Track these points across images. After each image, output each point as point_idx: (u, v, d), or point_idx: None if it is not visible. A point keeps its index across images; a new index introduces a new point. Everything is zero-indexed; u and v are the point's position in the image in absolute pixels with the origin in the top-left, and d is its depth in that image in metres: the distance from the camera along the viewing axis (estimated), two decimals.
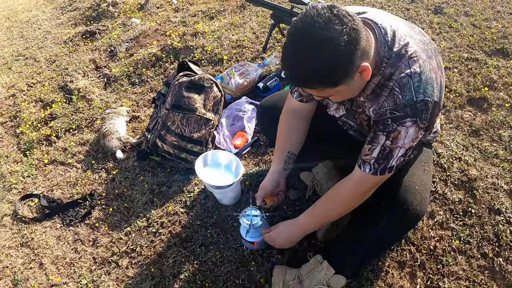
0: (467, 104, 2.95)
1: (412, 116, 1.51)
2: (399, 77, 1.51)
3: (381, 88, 1.57)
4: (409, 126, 1.52)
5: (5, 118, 4.00)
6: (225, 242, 2.42)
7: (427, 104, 1.50)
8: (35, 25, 5.83)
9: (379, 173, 1.66)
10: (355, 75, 1.45)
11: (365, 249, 1.98)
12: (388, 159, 1.62)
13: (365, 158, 1.67)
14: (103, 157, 3.22)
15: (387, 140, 1.59)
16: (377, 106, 1.59)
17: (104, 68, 4.26)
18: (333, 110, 1.96)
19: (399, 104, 1.51)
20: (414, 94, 1.49)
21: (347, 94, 1.60)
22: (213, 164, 2.52)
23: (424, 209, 1.89)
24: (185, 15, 4.62)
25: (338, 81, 1.43)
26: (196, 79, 2.93)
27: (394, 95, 1.53)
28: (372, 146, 1.64)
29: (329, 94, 1.55)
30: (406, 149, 1.60)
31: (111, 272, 2.48)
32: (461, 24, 3.66)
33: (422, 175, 1.96)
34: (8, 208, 3.06)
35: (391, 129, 1.55)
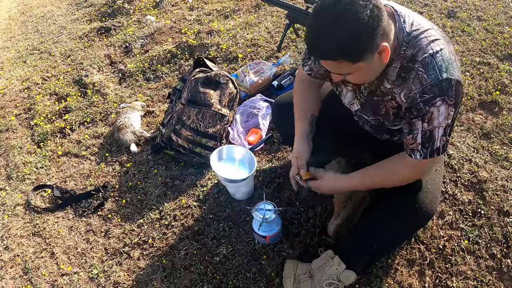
0: (478, 107, 2.96)
1: (440, 95, 1.55)
2: (422, 58, 1.56)
3: (406, 71, 1.61)
4: (439, 105, 1.56)
5: (20, 110, 4.04)
6: (237, 235, 2.44)
7: (451, 82, 1.55)
8: (50, 20, 5.87)
9: (429, 156, 1.69)
10: (375, 55, 1.49)
11: (376, 245, 1.98)
12: (433, 141, 1.65)
13: (412, 147, 1.70)
14: (117, 150, 3.24)
15: (423, 123, 1.62)
16: (407, 90, 1.62)
17: (119, 63, 4.29)
18: (348, 104, 1.98)
19: (425, 85, 1.56)
20: (438, 73, 1.54)
21: (365, 75, 1.62)
22: (228, 158, 2.54)
23: (434, 208, 1.91)
24: (200, 14, 4.65)
25: (359, 55, 1.47)
26: (212, 75, 2.96)
27: (419, 75, 1.57)
28: (414, 135, 1.67)
29: (348, 71, 1.57)
30: (444, 128, 1.63)
31: (123, 263, 2.50)
32: (474, 29, 3.67)
33: (434, 174, 1.98)
34: (21, 198, 3.09)
35: (424, 111, 1.59)
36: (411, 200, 1.87)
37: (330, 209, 2.42)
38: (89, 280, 2.48)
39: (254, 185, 2.62)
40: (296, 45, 3.77)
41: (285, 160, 2.79)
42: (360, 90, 1.87)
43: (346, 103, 1.99)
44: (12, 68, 4.86)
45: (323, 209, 2.45)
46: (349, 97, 1.95)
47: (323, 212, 2.43)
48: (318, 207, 2.46)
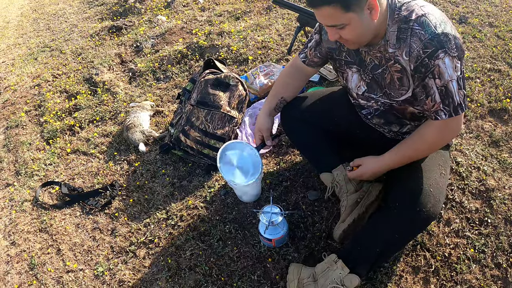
0: (488, 114, 2.95)
1: (440, 48, 1.63)
2: (415, 17, 1.67)
3: (403, 32, 1.71)
4: (443, 57, 1.64)
5: (30, 107, 4.06)
6: (242, 238, 2.44)
7: (448, 36, 1.64)
8: (62, 18, 5.91)
9: (453, 113, 1.73)
10: (365, 9, 1.62)
11: (379, 248, 1.98)
12: (451, 96, 1.71)
13: (434, 109, 1.76)
14: (126, 149, 3.26)
15: (435, 79, 1.69)
16: (407, 49, 1.71)
17: (130, 62, 4.31)
18: (355, 87, 2.05)
19: (424, 40, 1.65)
20: (434, 28, 1.64)
21: (358, 30, 1.70)
22: (234, 157, 2.48)
23: (436, 211, 1.91)
24: (211, 15, 4.67)
25: (350, 3, 1.58)
26: (222, 77, 2.96)
27: (416, 33, 1.67)
28: (431, 96, 1.74)
29: (341, 21, 1.65)
30: (456, 81, 1.69)
31: (128, 261, 2.51)
32: (485, 35, 3.66)
33: (438, 178, 1.98)
34: (29, 194, 3.11)
35: (431, 66, 1.66)
36: (413, 203, 1.88)
37: (336, 214, 2.42)
38: (94, 277, 2.48)
39: (261, 188, 2.62)
40: None
41: (293, 163, 2.79)
42: (365, 69, 1.96)
43: (353, 87, 2.07)
44: (23, 64, 4.90)
45: (329, 214, 2.45)
46: (355, 79, 2.04)
47: (329, 217, 2.43)
48: (325, 212, 2.46)
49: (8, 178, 3.32)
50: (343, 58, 2.05)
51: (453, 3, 4.14)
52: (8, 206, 3.08)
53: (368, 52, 1.89)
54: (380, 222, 1.99)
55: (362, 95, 2.05)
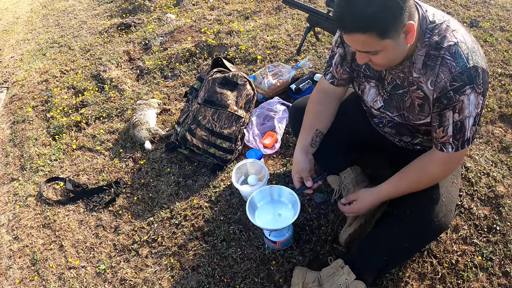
0: (498, 120, 2.91)
1: (469, 83, 1.55)
2: (447, 45, 1.57)
3: (432, 59, 1.61)
4: (469, 93, 1.57)
5: (37, 102, 4.06)
6: (247, 239, 2.41)
7: (477, 70, 1.55)
8: (71, 14, 5.92)
9: (460, 148, 1.69)
10: (401, 34, 1.50)
11: (387, 256, 1.96)
12: (464, 132, 1.66)
13: (443, 140, 1.71)
14: (131, 147, 3.24)
15: (454, 113, 1.63)
16: (434, 78, 1.62)
17: (138, 60, 4.30)
18: (371, 101, 1.97)
19: (454, 73, 1.56)
20: (466, 61, 1.55)
21: (390, 55, 1.60)
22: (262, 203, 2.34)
23: (448, 221, 1.89)
24: (221, 14, 4.65)
25: (388, 29, 1.47)
26: (230, 76, 2.94)
27: (447, 63, 1.57)
28: (444, 127, 1.68)
29: (375, 48, 1.54)
30: (474, 117, 1.63)
31: (131, 259, 2.49)
32: (496, 39, 3.62)
33: (450, 187, 1.96)
34: (33, 189, 3.10)
35: (455, 100, 1.59)
36: (425, 212, 1.86)
37: (342, 217, 2.39)
38: (96, 275, 2.47)
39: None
40: (316, 49, 3.74)
41: None
42: (384, 85, 1.87)
43: (369, 100, 1.99)
44: (31, 60, 4.90)
45: (336, 217, 2.42)
46: (372, 93, 1.96)
47: (335, 220, 2.40)
48: (331, 215, 2.44)
49: (13, 173, 3.31)
50: (362, 71, 1.95)
51: (464, 7, 4.10)
52: (12, 200, 3.07)
53: (389, 70, 1.81)
54: (390, 229, 1.97)
55: (377, 110, 1.99)
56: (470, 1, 4.18)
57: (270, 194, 2.28)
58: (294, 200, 2.17)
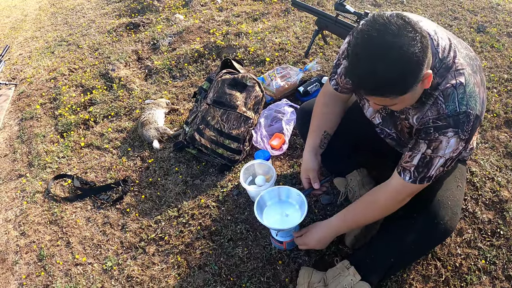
0: (503, 125, 2.92)
1: (454, 127, 1.52)
2: (444, 87, 1.54)
3: (427, 97, 1.58)
4: (451, 136, 1.54)
5: (45, 100, 4.08)
6: (253, 239, 2.43)
7: (469, 116, 1.52)
8: (80, 13, 5.94)
9: (418, 181, 1.67)
10: (419, 84, 1.44)
11: (393, 258, 1.97)
12: (428, 168, 1.63)
13: (405, 165, 1.69)
14: (140, 146, 3.25)
15: (428, 148, 1.60)
16: (420, 114, 1.62)
17: (146, 60, 4.32)
18: (370, 117, 1.99)
19: (442, 114, 1.54)
20: (458, 105, 1.51)
21: (407, 103, 1.58)
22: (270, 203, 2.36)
23: (454, 225, 1.90)
24: (229, 15, 4.67)
25: (408, 89, 1.41)
26: (239, 77, 2.96)
27: (438, 104, 1.55)
28: (413, 154, 1.65)
29: (394, 103, 1.52)
30: (446, 159, 1.61)
31: (137, 257, 2.50)
32: (503, 45, 3.63)
33: (456, 190, 1.97)
34: (41, 185, 3.12)
35: (433, 137, 1.57)
36: (431, 216, 1.87)
37: None
38: (103, 271, 2.48)
39: None
40: (324, 52, 3.75)
41: None
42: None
43: (368, 115, 2.01)
44: (40, 57, 4.92)
45: None
46: (370, 111, 1.97)
47: None
48: None
49: (21, 169, 3.33)
50: None
51: (472, 12, 4.11)
52: (19, 196, 3.09)
53: None
54: (396, 232, 1.97)
55: (376, 126, 2.00)
56: (478, 7, 4.19)
57: (278, 194, 2.30)
58: (301, 201, 2.19)
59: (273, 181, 2.49)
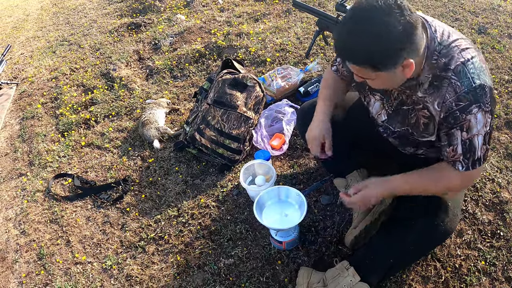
0: (504, 126, 2.91)
1: (475, 102, 1.55)
2: (454, 66, 1.58)
3: (439, 80, 1.62)
4: (476, 112, 1.56)
5: (46, 99, 4.09)
6: (253, 239, 2.43)
7: (484, 89, 1.56)
8: (82, 13, 5.95)
9: (471, 167, 1.68)
10: (398, 68, 1.51)
11: (392, 259, 1.97)
12: (473, 151, 1.65)
13: (453, 158, 1.70)
14: (140, 145, 3.26)
15: (462, 132, 1.62)
16: (440, 99, 1.63)
17: (147, 60, 4.32)
18: (375, 114, 1.99)
19: (460, 93, 1.56)
20: (472, 80, 1.56)
21: (386, 83, 1.66)
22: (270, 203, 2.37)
23: (454, 226, 1.90)
24: (230, 15, 4.68)
25: (381, 66, 1.50)
26: (240, 78, 2.96)
27: (453, 84, 1.58)
28: (454, 146, 1.67)
29: (369, 77, 1.59)
30: (483, 136, 1.63)
31: (137, 256, 2.50)
32: (504, 46, 3.62)
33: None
34: (42, 184, 3.13)
35: (462, 119, 1.59)
36: (431, 217, 1.87)
37: (348, 219, 2.41)
38: (102, 270, 2.48)
39: None
40: (325, 53, 3.76)
41: (307, 166, 2.77)
42: (389, 100, 1.87)
43: (373, 113, 2.01)
44: (41, 57, 4.93)
45: (341, 219, 2.43)
46: (376, 107, 1.97)
47: (341, 222, 2.42)
48: (337, 217, 2.45)
49: (22, 168, 3.34)
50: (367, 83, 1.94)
51: (473, 13, 4.11)
52: (20, 195, 3.09)
53: None
54: (396, 232, 1.98)
55: (380, 123, 2.00)
56: (479, 8, 4.19)
57: (278, 194, 2.30)
58: (301, 201, 2.19)
59: (273, 181, 2.49)
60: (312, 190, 2.51)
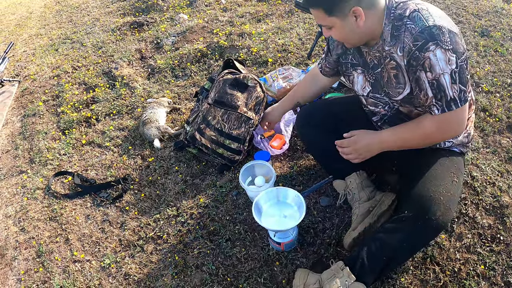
0: (506, 130, 2.91)
1: (431, 40, 1.64)
2: (409, 13, 1.71)
3: (397, 29, 1.75)
4: (434, 49, 1.64)
5: (48, 97, 4.10)
6: (252, 239, 2.42)
7: (441, 29, 1.64)
8: (85, 11, 5.97)
9: (446, 108, 1.74)
10: (350, 17, 1.72)
11: (386, 257, 1.95)
12: (443, 90, 1.71)
13: (428, 103, 1.78)
14: (140, 144, 3.26)
15: (426, 73, 1.70)
16: (401, 44, 1.75)
17: (149, 59, 4.33)
18: (361, 88, 2.12)
19: (415, 33, 1.68)
20: (425, 21, 1.66)
21: (344, 33, 1.82)
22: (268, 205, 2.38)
23: (447, 220, 1.88)
24: (233, 15, 4.68)
25: (331, 10, 1.71)
26: (241, 78, 2.96)
27: (408, 28, 1.71)
28: (423, 90, 1.75)
29: (326, 23, 1.78)
30: (449, 74, 1.68)
31: (135, 255, 2.50)
32: (507, 49, 3.62)
33: (450, 185, 1.96)
34: (42, 182, 3.13)
35: (422, 59, 1.68)
36: (422, 211, 1.86)
37: (347, 221, 2.40)
38: (101, 269, 2.48)
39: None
40: None
41: (306, 168, 2.77)
42: (368, 66, 2.00)
43: (359, 89, 2.14)
44: (44, 55, 4.94)
45: (340, 221, 2.42)
46: (360, 80, 2.10)
47: (340, 224, 2.41)
48: (336, 218, 2.44)
49: (22, 165, 3.34)
50: (349, 61, 2.11)
51: (476, 16, 4.11)
52: (20, 192, 3.10)
53: (368, 52, 1.94)
54: (388, 230, 1.97)
55: (367, 96, 2.10)
56: (482, 11, 4.19)
57: (277, 195, 2.30)
58: (300, 203, 2.19)
59: (273, 182, 2.49)
60: (312, 192, 2.50)
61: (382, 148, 2.07)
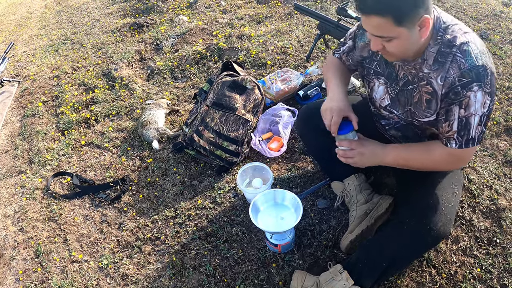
0: (503, 133, 2.92)
1: (477, 81, 1.60)
2: (459, 44, 1.64)
3: (443, 56, 1.68)
4: (476, 90, 1.61)
5: (47, 97, 4.11)
6: (249, 241, 2.43)
7: (486, 70, 1.61)
8: (85, 12, 5.98)
9: (464, 145, 1.72)
10: (416, 26, 1.57)
11: (385, 263, 1.96)
12: (468, 129, 1.69)
13: (448, 135, 1.74)
14: (139, 145, 3.28)
15: (460, 109, 1.67)
16: (444, 73, 1.68)
17: (149, 60, 4.34)
18: (379, 99, 2.02)
19: (463, 69, 1.61)
20: (475, 60, 1.60)
21: (403, 45, 1.66)
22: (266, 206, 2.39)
23: (447, 230, 1.89)
24: (233, 18, 4.69)
25: (404, 16, 1.54)
26: (239, 80, 2.97)
27: (457, 60, 1.63)
28: (450, 121, 1.71)
29: (389, 34, 1.60)
30: (480, 116, 1.66)
31: (133, 256, 2.51)
32: (506, 52, 3.63)
33: (451, 197, 1.97)
34: (41, 182, 3.14)
35: (462, 96, 1.63)
36: (424, 221, 1.87)
37: (344, 224, 2.41)
38: (99, 269, 2.49)
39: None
40: (325, 56, 3.76)
41: (304, 170, 2.78)
42: (395, 82, 1.92)
43: (377, 98, 2.04)
44: (43, 55, 4.95)
45: (338, 223, 2.43)
46: (380, 91, 2.01)
47: (337, 226, 2.42)
48: (333, 221, 2.45)
49: (21, 166, 3.35)
50: (373, 68, 2.01)
51: (475, 19, 4.12)
52: (19, 193, 3.11)
53: (402, 66, 1.85)
54: (389, 236, 1.97)
55: (384, 108, 2.03)
56: (481, 14, 4.20)
57: (274, 197, 2.31)
58: (296, 205, 2.21)
59: (270, 184, 2.50)
60: (309, 194, 2.51)
61: (383, 162, 1.99)
